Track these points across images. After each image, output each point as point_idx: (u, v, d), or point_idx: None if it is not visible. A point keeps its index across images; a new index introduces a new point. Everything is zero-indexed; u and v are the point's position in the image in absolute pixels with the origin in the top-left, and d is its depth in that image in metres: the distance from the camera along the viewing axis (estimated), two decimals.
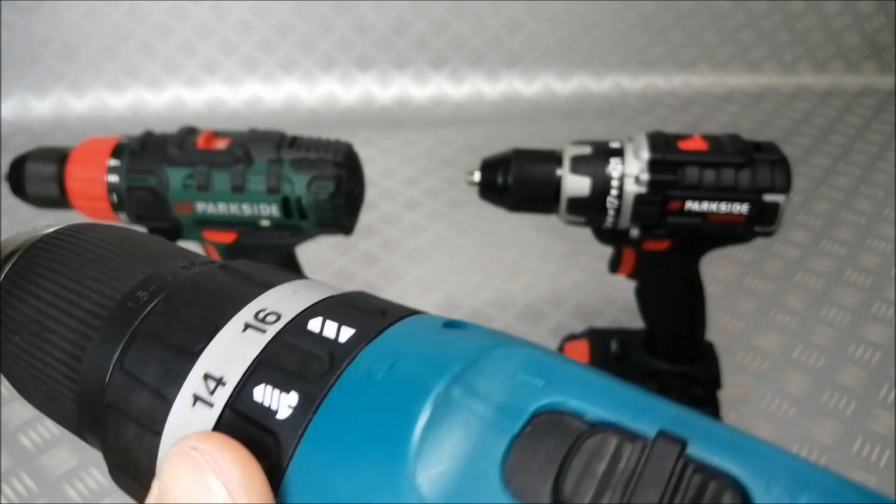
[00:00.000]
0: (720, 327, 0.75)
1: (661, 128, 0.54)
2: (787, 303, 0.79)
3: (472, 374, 0.13)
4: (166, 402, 0.15)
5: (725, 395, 0.65)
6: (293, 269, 0.59)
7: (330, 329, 0.15)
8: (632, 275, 0.58)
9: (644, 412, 0.12)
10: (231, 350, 0.15)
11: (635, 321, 0.64)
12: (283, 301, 0.16)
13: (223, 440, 0.14)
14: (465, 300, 0.79)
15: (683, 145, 0.51)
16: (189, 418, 0.14)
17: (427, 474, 0.12)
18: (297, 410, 0.14)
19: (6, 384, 0.69)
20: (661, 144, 0.51)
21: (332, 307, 0.15)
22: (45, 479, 0.60)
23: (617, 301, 0.78)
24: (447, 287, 0.81)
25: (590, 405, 0.12)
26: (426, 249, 0.87)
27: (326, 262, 0.85)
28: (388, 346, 0.14)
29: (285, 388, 0.14)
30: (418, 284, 0.82)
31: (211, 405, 0.14)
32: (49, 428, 0.64)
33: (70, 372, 0.17)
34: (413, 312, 0.16)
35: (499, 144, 0.59)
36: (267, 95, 1.18)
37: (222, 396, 0.14)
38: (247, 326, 0.15)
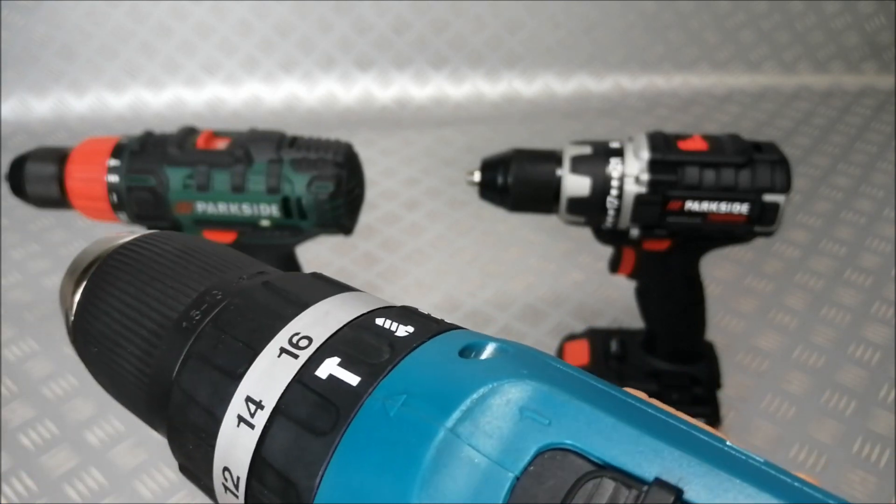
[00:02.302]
0: (720, 327, 0.75)
1: (661, 128, 0.54)
2: (787, 303, 0.79)
3: (479, 412, 0.13)
4: (216, 420, 0.16)
5: (725, 395, 0.65)
6: (293, 270, 0.59)
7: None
8: (632, 275, 0.58)
9: (646, 455, 0.12)
10: (268, 374, 0.16)
11: (635, 321, 0.64)
12: (314, 324, 0.17)
13: None
14: (465, 300, 0.79)
15: (683, 145, 0.51)
16: (236, 436, 0.16)
17: None
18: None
19: (6, 383, 0.69)
20: (661, 144, 0.51)
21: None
22: (45, 479, 0.60)
23: (617, 301, 0.78)
24: (447, 287, 0.81)
25: (594, 445, 0.12)
26: (426, 249, 0.87)
27: (326, 262, 0.84)
28: (402, 379, 0.15)
29: None
30: (418, 284, 0.82)
31: (252, 426, 0.15)
32: (49, 428, 0.64)
33: (140, 384, 0.19)
34: (437, 333, 0.16)
35: (499, 144, 0.59)
36: (267, 95, 1.18)
37: (262, 419, 0.15)
38: (282, 351, 0.16)
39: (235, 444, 0.16)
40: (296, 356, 0.16)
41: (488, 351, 0.15)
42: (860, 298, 0.79)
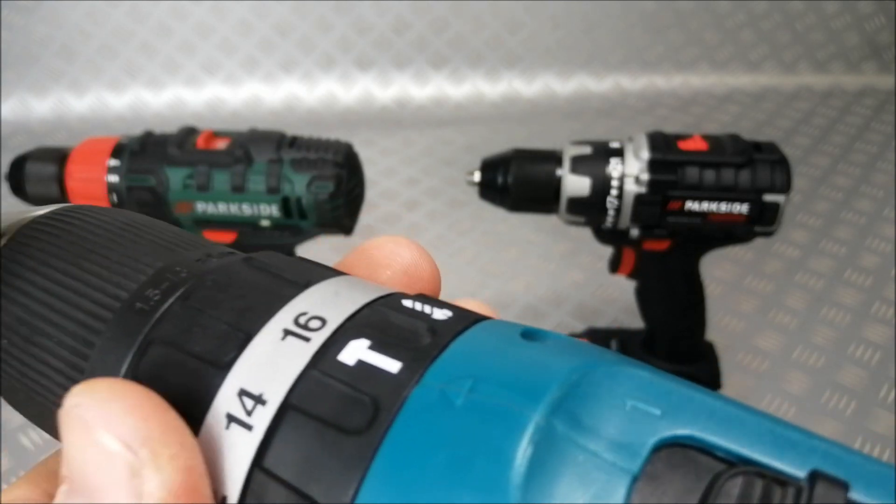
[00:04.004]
0: (720, 327, 0.75)
1: (661, 128, 0.54)
2: (787, 303, 0.79)
3: (574, 401, 0.11)
4: (193, 422, 0.12)
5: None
6: None
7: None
8: (632, 275, 0.58)
9: (789, 447, 0.10)
10: (269, 361, 0.12)
11: (635, 321, 0.64)
12: (324, 304, 0.13)
13: (109, 387, 0.12)
14: None
15: (683, 145, 0.51)
16: (224, 443, 0.12)
17: None
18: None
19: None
20: (661, 144, 0.51)
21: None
22: None
23: (617, 301, 0.78)
24: (447, 287, 0.81)
25: (721, 438, 0.10)
26: (426, 250, 0.87)
27: (326, 262, 0.84)
28: (461, 363, 0.12)
29: None
30: None
31: (250, 428, 0.12)
32: None
33: (68, 382, 0.14)
34: (478, 319, 0.13)
35: (499, 144, 0.59)
36: (267, 95, 1.18)
37: (263, 418, 0.12)
38: (286, 333, 0.13)
39: (223, 454, 0.12)
40: (307, 339, 0.13)
41: (552, 338, 0.13)
42: (860, 298, 0.79)
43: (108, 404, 0.12)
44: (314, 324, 0.13)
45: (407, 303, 0.14)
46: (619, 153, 0.51)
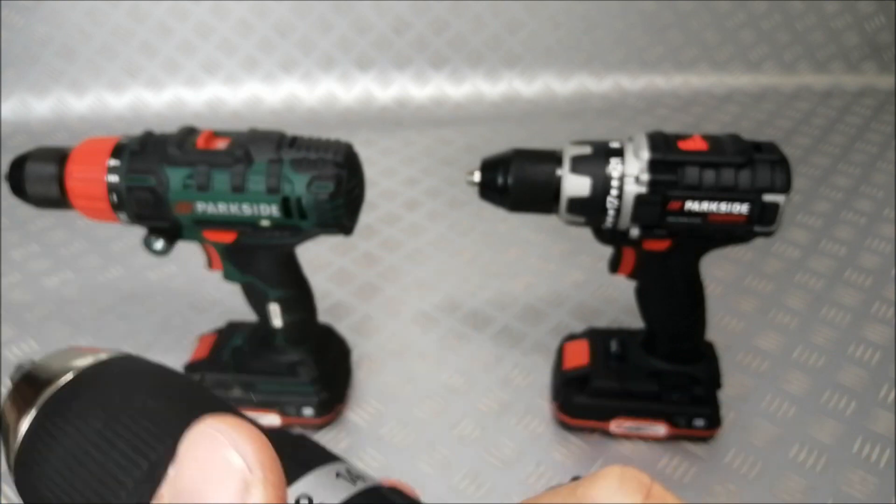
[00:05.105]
0: (720, 327, 0.75)
1: (661, 128, 0.54)
2: (787, 303, 0.79)
3: None
4: None
5: (725, 395, 0.65)
6: (293, 270, 0.59)
7: None
8: (632, 275, 0.58)
9: None
10: None
11: (635, 321, 0.64)
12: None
13: (238, 421, 0.15)
14: (465, 300, 0.79)
15: (683, 145, 0.51)
16: None
17: None
18: None
19: (6, 384, 0.69)
20: (661, 144, 0.51)
21: None
22: None
23: (617, 301, 0.78)
24: (447, 287, 0.81)
25: None
26: (426, 249, 0.87)
27: (326, 262, 0.84)
28: None
29: None
30: (418, 284, 0.82)
31: None
32: None
33: None
34: None
35: (499, 144, 0.59)
36: (267, 95, 1.18)
37: None
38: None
39: None
40: None
41: None
42: (860, 298, 0.79)
43: (236, 431, 0.15)
44: None
45: None
46: (619, 153, 0.51)
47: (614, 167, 0.51)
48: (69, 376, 0.18)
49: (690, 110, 1.19)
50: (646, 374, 0.61)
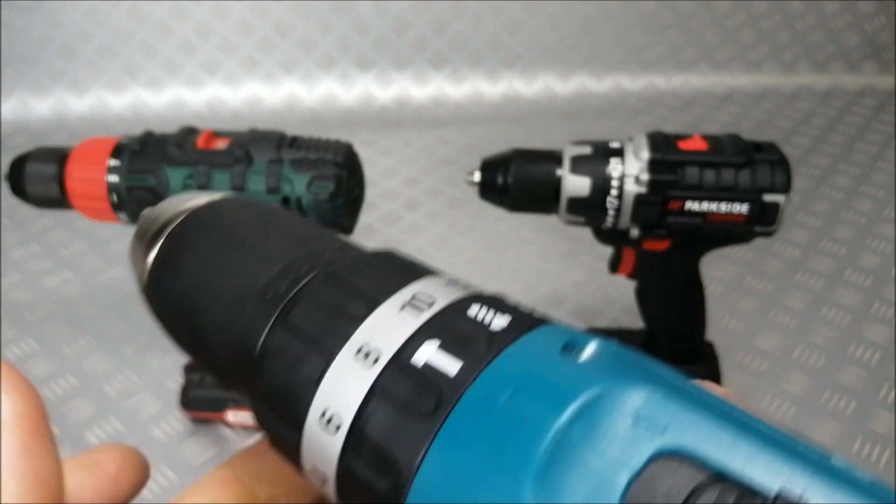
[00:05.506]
0: (720, 327, 0.75)
1: (661, 128, 0.54)
2: (787, 303, 0.79)
3: (591, 413, 0.13)
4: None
5: None
6: None
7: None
8: (632, 275, 0.58)
9: (766, 466, 0.12)
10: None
11: (635, 321, 0.64)
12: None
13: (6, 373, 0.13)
14: None
15: (683, 145, 0.51)
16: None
17: None
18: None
19: None
20: (661, 144, 0.51)
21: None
22: None
23: (617, 301, 0.78)
24: None
25: (712, 453, 0.12)
26: (426, 250, 0.87)
27: None
28: (506, 371, 0.14)
29: None
30: None
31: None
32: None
33: (223, 344, 0.18)
34: (532, 325, 0.16)
35: (499, 144, 0.59)
36: (267, 95, 1.18)
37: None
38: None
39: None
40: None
41: (590, 349, 0.15)
42: (860, 298, 0.79)
43: None
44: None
45: (473, 309, 0.16)
46: (619, 153, 0.51)
47: (614, 167, 0.51)
48: (183, 216, 0.20)
49: (690, 110, 1.19)
50: None
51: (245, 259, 0.19)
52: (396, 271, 0.18)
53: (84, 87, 1.15)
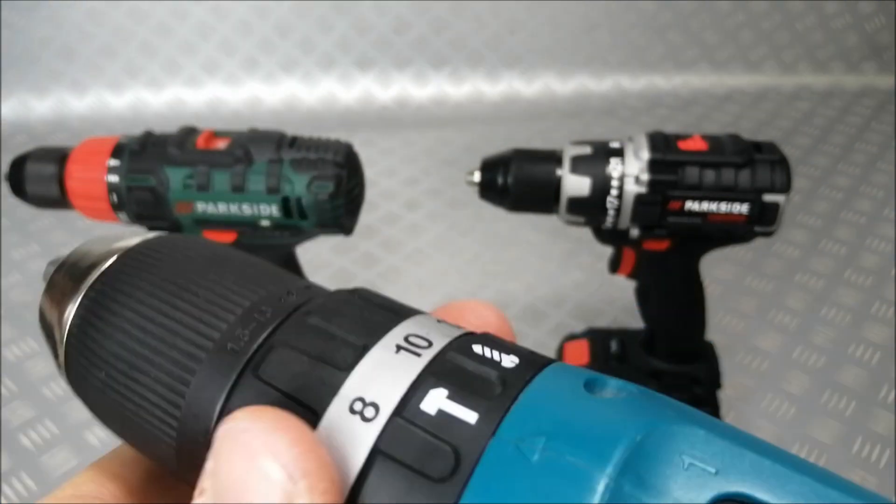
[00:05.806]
0: (720, 327, 0.75)
1: (661, 128, 0.54)
2: (787, 303, 0.79)
3: (638, 460, 0.12)
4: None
5: (725, 395, 0.65)
6: (293, 270, 0.59)
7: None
8: (632, 275, 0.58)
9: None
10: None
11: (635, 321, 0.64)
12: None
13: (274, 417, 0.13)
14: None
15: (683, 145, 0.51)
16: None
17: None
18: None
19: (6, 383, 0.69)
20: (661, 144, 0.51)
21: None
22: (45, 479, 0.60)
23: (617, 301, 0.78)
24: (447, 287, 0.81)
25: (766, 495, 0.11)
26: (426, 250, 0.87)
27: (326, 262, 0.84)
28: (532, 416, 0.13)
29: None
30: (418, 285, 0.82)
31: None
32: (49, 428, 0.64)
33: (167, 417, 0.15)
34: (542, 365, 0.14)
35: (499, 144, 0.59)
36: (267, 95, 1.18)
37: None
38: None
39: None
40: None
41: (612, 388, 0.14)
42: (860, 298, 0.79)
43: (274, 434, 0.12)
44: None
45: (477, 348, 0.14)
46: (619, 153, 0.51)
47: (614, 167, 0.51)
48: (114, 258, 0.17)
49: (690, 110, 1.19)
50: (646, 375, 0.61)
51: (195, 304, 0.16)
52: (379, 311, 0.15)
53: (84, 87, 1.15)
